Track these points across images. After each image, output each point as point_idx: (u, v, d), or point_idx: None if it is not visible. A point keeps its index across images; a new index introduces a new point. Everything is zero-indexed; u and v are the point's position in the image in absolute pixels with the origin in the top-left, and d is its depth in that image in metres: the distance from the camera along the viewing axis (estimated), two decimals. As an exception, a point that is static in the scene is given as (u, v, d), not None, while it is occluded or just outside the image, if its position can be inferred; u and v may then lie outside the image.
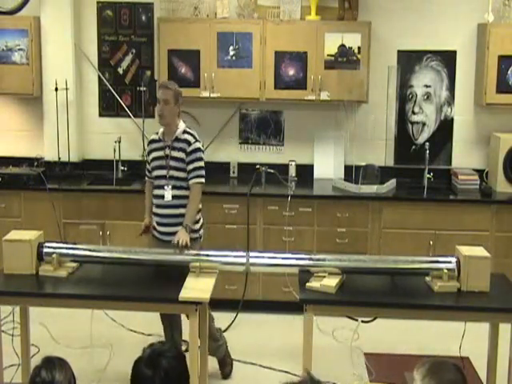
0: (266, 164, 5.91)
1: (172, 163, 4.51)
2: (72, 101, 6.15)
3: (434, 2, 6.05)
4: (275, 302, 5.66)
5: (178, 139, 4.52)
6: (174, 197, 4.51)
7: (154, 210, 4.61)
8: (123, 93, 6.34)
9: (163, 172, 4.53)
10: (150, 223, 4.67)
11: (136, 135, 6.33)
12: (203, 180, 4.53)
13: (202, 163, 4.53)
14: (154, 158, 4.59)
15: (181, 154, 4.50)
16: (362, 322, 4.94)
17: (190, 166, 4.49)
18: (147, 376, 2.35)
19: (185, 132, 4.55)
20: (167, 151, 4.53)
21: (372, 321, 4.62)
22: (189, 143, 4.51)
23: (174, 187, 4.51)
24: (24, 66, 6.04)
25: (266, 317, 5.54)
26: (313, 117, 6.23)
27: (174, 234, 4.35)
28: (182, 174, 4.51)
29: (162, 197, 4.52)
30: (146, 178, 4.77)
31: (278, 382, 4.60)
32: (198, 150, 4.52)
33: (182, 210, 4.48)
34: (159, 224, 4.57)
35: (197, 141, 4.54)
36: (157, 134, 4.66)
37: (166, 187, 4.51)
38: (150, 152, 4.65)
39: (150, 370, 2.36)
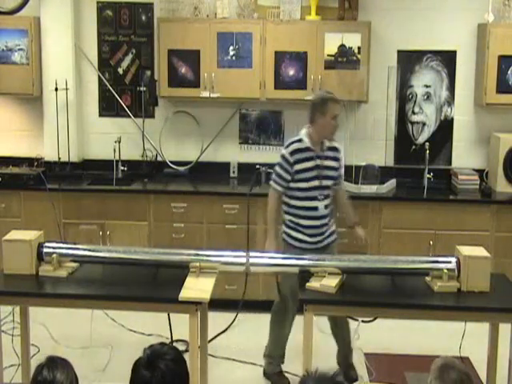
0: (265, 164, 5.93)
1: (326, 173, 4.48)
2: (72, 101, 6.15)
3: (434, 2, 6.05)
4: (275, 302, 5.66)
5: (328, 148, 4.51)
6: (325, 206, 4.52)
7: (302, 222, 4.49)
8: (123, 93, 6.34)
9: (316, 183, 4.45)
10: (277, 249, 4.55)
11: (136, 135, 6.33)
12: None
13: None
14: (305, 169, 4.44)
15: (333, 163, 4.52)
16: (363, 321, 4.95)
17: (341, 171, 4.66)
18: (145, 377, 2.36)
19: (328, 140, 4.56)
20: (318, 161, 4.46)
21: (372, 321, 4.62)
22: (338, 150, 4.56)
23: (325, 197, 4.51)
24: (24, 66, 6.04)
25: (266, 317, 5.52)
26: (313, 117, 6.22)
27: (322, 242, 4.51)
28: (330, 183, 4.52)
29: (315, 208, 4.46)
30: (277, 188, 4.51)
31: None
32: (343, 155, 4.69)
33: (328, 219, 4.54)
34: (311, 235, 4.50)
35: None
36: (299, 142, 4.47)
37: (320, 198, 4.46)
38: (295, 162, 4.43)
39: (147, 371, 2.37)
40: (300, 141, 4.47)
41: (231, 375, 4.79)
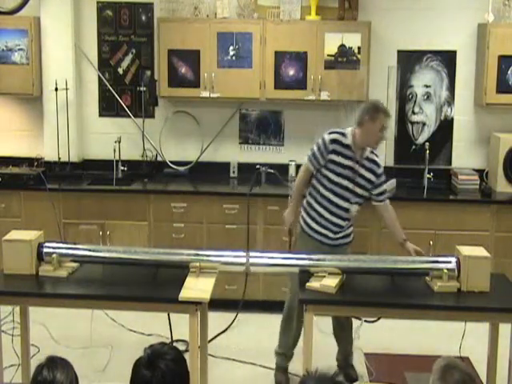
0: (265, 164, 5.93)
1: (360, 181, 4.42)
2: (72, 101, 6.15)
3: (434, 2, 6.05)
4: (275, 302, 5.65)
5: (368, 158, 4.45)
6: (352, 210, 4.48)
7: (322, 212, 4.46)
8: (123, 93, 6.34)
9: (348, 184, 4.40)
10: (293, 223, 4.60)
11: (136, 135, 6.33)
12: None
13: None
14: (339, 164, 4.39)
15: (369, 175, 4.44)
16: (366, 321, 4.95)
17: (381, 188, 4.52)
18: (145, 377, 2.37)
19: (371, 152, 4.48)
20: (356, 166, 4.41)
21: (376, 321, 4.62)
22: (377, 165, 4.49)
23: (356, 203, 4.47)
24: (24, 66, 6.05)
25: (266, 317, 5.54)
26: (313, 117, 6.23)
27: (337, 240, 4.49)
28: (363, 193, 4.46)
29: (343, 208, 4.42)
30: (310, 166, 4.48)
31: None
32: (384, 172, 4.55)
33: (345, 223, 4.50)
34: (327, 229, 4.48)
35: None
36: (343, 135, 4.41)
37: (351, 200, 4.43)
38: (332, 152, 4.38)
39: (148, 371, 2.38)
40: (344, 135, 4.42)
41: (231, 375, 4.78)
